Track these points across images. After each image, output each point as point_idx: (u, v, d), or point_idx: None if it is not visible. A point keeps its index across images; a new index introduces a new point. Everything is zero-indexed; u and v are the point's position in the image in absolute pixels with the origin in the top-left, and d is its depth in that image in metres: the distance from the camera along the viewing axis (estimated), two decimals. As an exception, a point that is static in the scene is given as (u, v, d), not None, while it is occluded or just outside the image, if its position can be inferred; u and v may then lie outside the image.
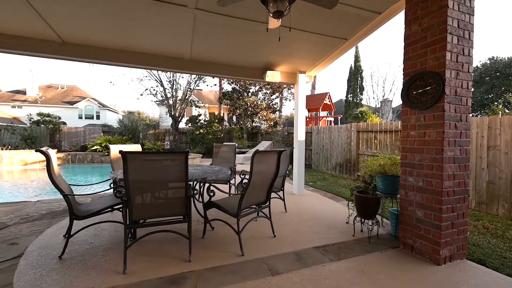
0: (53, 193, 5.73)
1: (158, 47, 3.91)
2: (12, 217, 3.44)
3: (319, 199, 4.76)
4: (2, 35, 3.30)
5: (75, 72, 79.02)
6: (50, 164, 2.33)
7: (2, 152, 9.79)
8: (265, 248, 2.60)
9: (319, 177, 7.42)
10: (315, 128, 9.38)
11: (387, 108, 15.29)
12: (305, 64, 4.74)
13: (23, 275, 2.06)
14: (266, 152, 2.63)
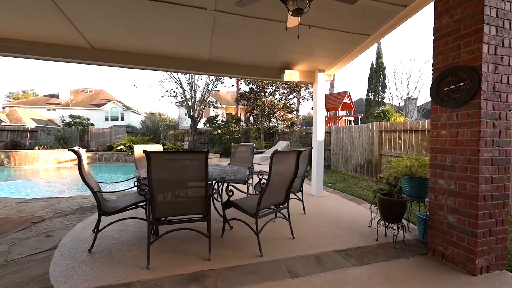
0: (82, 190, 6.12)
1: (179, 50, 4.02)
2: (48, 212, 3.72)
3: (339, 200, 4.62)
4: (41, 43, 3.59)
5: (102, 76, 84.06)
6: (81, 162, 2.48)
7: (39, 151, 10.64)
8: (284, 249, 2.57)
9: (339, 178, 7.21)
10: (334, 128, 9.13)
11: (411, 106, 14.50)
12: (324, 63, 4.63)
13: (58, 265, 2.21)
14: (285, 152, 2.60)
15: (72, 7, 2.82)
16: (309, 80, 5.03)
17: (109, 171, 9.74)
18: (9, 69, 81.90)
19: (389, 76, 23.66)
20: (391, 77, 25.76)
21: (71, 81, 34.49)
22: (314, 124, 5.03)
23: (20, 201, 4.29)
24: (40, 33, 3.40)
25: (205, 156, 2.22)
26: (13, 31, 3.34)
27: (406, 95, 16.25)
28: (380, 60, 16.49)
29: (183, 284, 1.95)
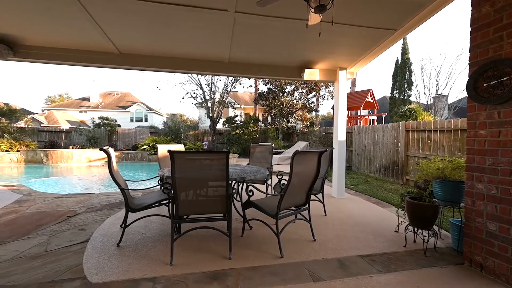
0: (111, 187, 6.50)
1: (199, 52, 4.11)
2: (81, 206, 3.99)
3: (362, 203, 4.43)
4: (76, 50, 3.86)
5: (128, 79, 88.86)
6: (110, 161, 2.62)
7: (73, 151, 11.50)
8: (305, 251, 2.51)
9: (361, 180, 6.93)
10: (356, 127, 8.80)
11: (441, 104, 13.55)
12: (346, 60, 4.48)
13: (90, 257, 2.36)
14: (307, 152, 2.55)
15: (103, 16, 2.99)
16: (330, 78, 4.89)
17: (134, 170, 10.24)
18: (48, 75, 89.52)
19: (416, 73, 22.27)
20: (418, 73, 24.23)
21: (100, 85, 37.10)
22: (335, 123, 4.89)
23: (57, 196, 4.66)
24: (75, 41, 3.66)
25: (226, 156, 2.24)
26: (51, 40, 3.63)
27: (435, 92, 15.23)
28: (406, 56, 15.60)
29: (205, 282, 1.98)
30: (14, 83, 74.74)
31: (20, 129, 13.93)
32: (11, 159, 10.97)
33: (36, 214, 3.59)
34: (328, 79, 4.90)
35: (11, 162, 10.93)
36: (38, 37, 3.57)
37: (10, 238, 2.77)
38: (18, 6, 2.81)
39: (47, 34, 3.47)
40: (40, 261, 2.29)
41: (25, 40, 3.60)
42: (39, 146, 12.83)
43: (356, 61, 4.48)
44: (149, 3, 2.74)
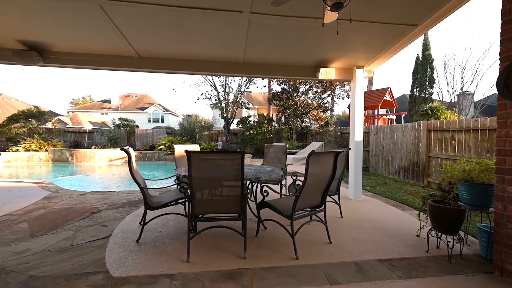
0: (130, 185, 6.77)
1: (214, 53, 4.17)
2: (103, 204, 4.19)
3: (380, 206, 4.28)
4: (98, 55, 4.06)
5: (145, 81, 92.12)
6: (130, 160, 2.72)
7: (95, 150, 12.09)
8: (320, 254, 2.47)
9: (379, 181, 6.70)
10: (373, 127, 8.53)
11: (466, 102, 12.78)
12: (363, 58, 4.35)
13: (112, 252, 2.47)
14: (323, 153, 2.50)
15: (124, 21, 3.12)
16: (346, 77, 4.78)
17: (151, 169, 10.58)
18: (72, 78, 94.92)
19: (439, 69, 21.17)
20: (440, 70, 22.96)
21: (120, 87, 38.88)
22: (352, 123, 4.76)
23: (81, 194, 4.92)
24: (99, 46, 3.85)
25: (241, 156, 2.25)
26: (77, 46, 3.84)
27: (459, 89, 14.40)
28: (427, 52, 14.88)
29: (221, 281, 2.01)
30: (42, 87, 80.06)
31: (48, 130, 14.86)
32: (40, 158, 11.73)
33: (63, 210, 3.82)
34: (344, 78, 4.79)
35: (40, 160, 11.70)
36: (66, 44, 3.79)
37: (40, 232, 2.96)
38: (48, 16, 3.00)
39: (73, 40, 3.68)
40: (67, 254, 2.43)
41: (53, 46, 3.85)
42: (64, 146, 13.62)
43: (373, 59, 4.35)
44: (167, 8, 2.82)
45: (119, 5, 2.77)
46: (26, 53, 3.72)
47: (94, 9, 2.82)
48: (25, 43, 3.70)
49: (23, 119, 13.66)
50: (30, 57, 3.73)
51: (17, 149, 11.86)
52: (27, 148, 11.95)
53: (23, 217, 3.47)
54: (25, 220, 3.35)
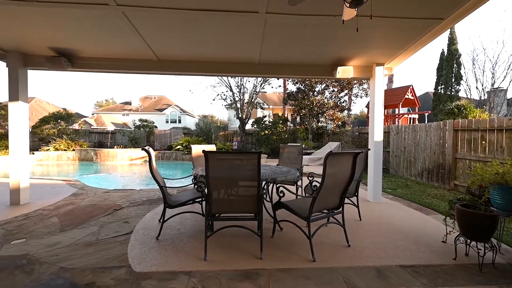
0: (149, 183, 7.02)
1: (230, 55, 4.22)
2: (125, 201, 4.38)
3: (402, 209, 4.10)
4: (121, 59, 4.27)
5: (164, 83, 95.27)
6: (151, 160, 2.82)
7: (117, 150, 12.69)
8: (338, 257, 2.41)
9: (400, 183, 6.41)
10: (394, 127, 8.18)
11: (498, 99, 11.88)
12: (383, 55, 4.19)
13: (133, 248, 2.57)
14: (341, 153, 2.44)
15: (144, 27, 3.24)
16: (365, 75, 4.63)
17: (169, 168, 10.91)
18: (97, 82, 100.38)
19: (467, 65, 19.86)
20: (468, 66, 21.56)
21: (140, 90, 40.58)
22: (371, 123, 4.60)
23: (105, 191, 5.18)
24: (121, 51, 4.04)
25: (258, 157, 2.26)
26: (102, 51, 4.06)
27: (490, 86, 13.42)
28: (454, 47, 14.01)
29: (238, 280, 2.02)
30: (70, 90, 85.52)
31: (75, 130, 15.82)
32: (68, 157, 12.52)
33: (89, 207, 4.04)
34: (363, 76, 4.65)
35: (68, 159, 12.48)
36: (91, 49, 4.01)
37: (69, 227, 3.16)
38: (75, 24, 3.19)
39: (98, 46, 3.89)
40: (93, 248, 2.56)
41: (81, 52, 4.09)
42: (89, 146, 14.42)
43: (394, 55, 4.17)
44: (185, 11, 2.89)
45: (140, 11, 2.88)
46: (56, 59, 3.99)
47: (118, 16, 2.96)
48: (55, 49, 3.97)
49: (53, 121, 14.65)
50: (60, 62, 3.99)
51: (48, 148, 12.73)
52: (57, 148, 12.79)
53: (54, 212, 3.72)
54: (55, 215, 3.59)
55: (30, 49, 3.99)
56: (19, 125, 4.13)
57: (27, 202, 4.22)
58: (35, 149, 12.85)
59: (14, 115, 4.10)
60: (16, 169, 4.09)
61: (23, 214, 3.61)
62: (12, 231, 2.99)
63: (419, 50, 3.99)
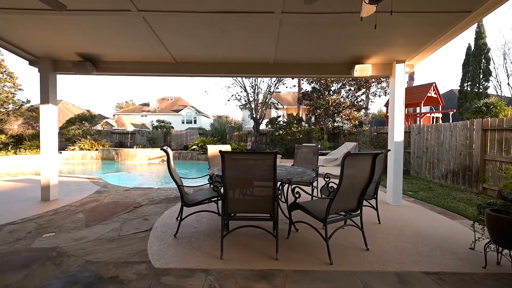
0: (167, 182, 7.24)
1: (245, 55, 4.24)
2: (144, 199, 4.55)
3: (424, 213, 3.91)
4: (141, 62, 4.44)
5: (180, 84, 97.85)
6: (169, 159, 2.91)
7: (137, 150, 13.21)
8: (356, 260, 2.34)
9: (422, 186, 6.12)
10: (415, 126, 7.82)
11: (533, 97, 10.95)
12: (404, 52, 4.02)
13: (152, 245, 2.66)
14: (359, 154, 2.38)
15: (163, 30, 3.35)
16: (384, 73, 4.48)
17: (185, 168, 11.16)
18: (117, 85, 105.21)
19: (496, 60, 18.51)
20: (498, 61, 20.07)
21: (157, 91, 41.96)
22: (391, 122, 4.43)
23: (125, 189, 5.41)
24: (141, 55, 4.21)
25: (274, 157, 2.25)
26: (123, 55, 4.25)
27: (523, 82, 12.43)
28: (482, 41, 13.14)
29: (254, 280, 2.03)
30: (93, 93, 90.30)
31: (97, 131, 16.65)
32: (91, 156, 13.21)
33: (111, 204, 4.24)
34: (382, 74, 4.49)
35: (92, 158, 13.16)
36: (114, 54, 4.21)
37: (93, 222, 3.33)
38: (99, 30, 3.36)
39: (120, 50, 4.08)
40: (116, 243, 2.69)
41: (104, 57, 4.30)
42: (111, 145, 15.12)
43: (416, 52, 3.99)
44: (202, 14, 2.94)
45: (159, 15, 2.98)
46: (82, 63, 4.23)
47: (138, 21, 3.08)
48: (81, 55, 4.21)
49: (78, 122, 15.52)
50: (85, 67, 4.22)
51: (74, 148, 13.51)
52: (81, 148, 13.54)
53: (80, 208, 3.95)
54: (81, 211, 3.81)
55: (59, 55, 4.26)
56: (49, 126, 4.43)
57: (56, 198, 4.50)
58: (62, 149, 13.68)
59: (45, 117, 4.39)
60: (47, 168, 4.38)
61: (53, 210, 3.86)
62: (43, 225, 3.21)
63: (444, 46, 3.79)
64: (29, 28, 3.34)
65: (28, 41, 3.76)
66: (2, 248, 2.57)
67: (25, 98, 14.14)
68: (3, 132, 13.32)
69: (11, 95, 13.31)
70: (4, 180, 6.49)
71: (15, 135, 13.51)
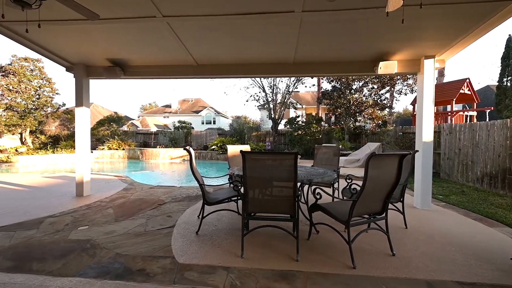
0: (188, 181, 7.47)
1: (265, 56, 4.25)
2: (167, 197, 4.74)
3: (457, 219, 3.64)
4: (165, 66, 4.64)
5: (200, 86, 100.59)
6: (191, 159, 3.00)
7: (160, 150, 13.79)
8: (381, 266, 2.25)
9: (454, 189, 5.70)
10: (446, 126, 7.31)
11: None
12: (434, 46, 3.78)
13: (176, 241, 2.76)
14: (385, 155, 2.28)
15: (185, 34, 3.47)
16: (411, 70, 4.24)
17: (205, 167, 11.44)
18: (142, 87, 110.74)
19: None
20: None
21: (178, 93, 43.59)
22: (419, 122, 4.19)
23: (150, 187, 5.67)
24: (165, 58, 4.39)
25: (295, 157, 2.23)
26: (149, 60, 4.47)
27: None
28: (524, 32, 11.89)
29: (274, 280, 2.03)
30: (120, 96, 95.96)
31: (124, 132, 17.66)
32: (119, 155, 14.03)
33: (138, 200, 4.47)
34: (409, 70, 4.26)
35: (119, 158, 13.98)
36: (140, 58, 4.45)
37: (122, 218, 3.54)
38: (128, 37, 3.57)
39: (146, 55, 4.30)
40: (142, 238, 2.83)
41: (131, 61, 4.55)
42: (136, 145, 15.95)
43: (448, 46, 3.73)
44: (223, 17, 3.01)
45: (182, 20, 3.10)
46: (112, 68, 4.51)
47: (163, 26, 3.23)
48: (111, 60, 4.49)
49: (107, 123, 16.59)
50: (114, 71, 4.50)
51: (103, 148, 14.45)
52: (110, 147, 14.43)
53: (109, 204, 4.21)
54: (111, 207, 4.06)
55: (91, 61, 4.58)
56: (83, 127, 4.78)
57: (89, 194, 4.85)
58: (93, 148, 14.68)
59: (79, 119, 4.75)
60: (81, 166, 4.73)
61: (86, 205, 4.16)
62: (78, 219, 3.47)
63: (479, 38, 3.50)
64: (67, 37, 3.64)
65: (66, 49, 4.10)
66: (45, 238, 2.82)
67: (61, 102, 15.39)
68: (43, 133, 14.63)
69: (49, 99, 14.55)
70: (44, 176, 7.12)
71: (53, 135, 14.78)
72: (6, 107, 13.09)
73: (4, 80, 13.07)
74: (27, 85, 13.50)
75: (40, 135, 14.56)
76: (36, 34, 3.54)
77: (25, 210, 3.81)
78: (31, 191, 5.16)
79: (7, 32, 3.43)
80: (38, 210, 3.81)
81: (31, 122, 13.47)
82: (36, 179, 6.55)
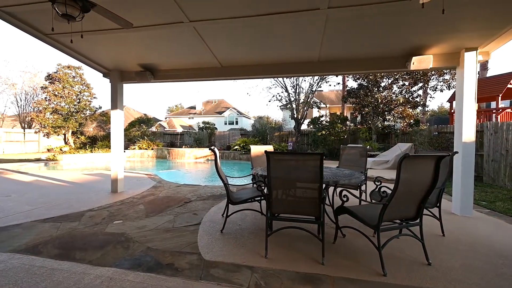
0: (212, 180, 7.67)
1: (289, 55, 4.21)
2: (193, 195, 4.91)
3: (504, 228, 3.27)
4: (192, 69, 4.82)
5: (223, 87, 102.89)
6: (216, 159, 3.08)
7: (185, 150, 14.36)
8: (416, 275, 2.10)
9: (500, 195, 5.12)
10: (491, 124, 6.60)
11: None
12: (476, 37, 3.44)
13: (202, 238, 2.85)
14: (420, 157, 2.14)
15: (210, 38, 3.57)
16: (449, 64, 3.91)
17: (227, 167, 11.65)
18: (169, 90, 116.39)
19: None
20: None
21: (203, 95, 45.01)
22: (458, 120, 3.84)
23: (176, 185, 5.93)
24: (192, 61, 4.57)
25: (320, 158, 2.18)
26: (176, 63, 4.68)
27: None
28: None
29: (299, 282, 1.99)
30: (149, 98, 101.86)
31: (152, 132, 18.68)
32: (148, 155, 14.87)
33: (166, 198, 4.70)
34: (446, 65, 3.93)
35: (148, 157, 14.81)
36: (168, 63, 4.67)
37: (152, 213, 3.75)
38: (157, 43, 3.77)
39: (174, 59, 4.50)
40: (170, 234, 2.97)
41: (160, 66, 4.80)
42: (164, 145, 16.77)
43: (493, 37, 3.38)
44: (247, 18, 3.04)
45: (208, 24, 3.19)
46: (143, 73, 4.79)
47: (189, 31, 3.36)
48: (142, 65, 4.78)
49: (137, 125, 17.67)
50: (145, 76, 4.78)
51: (134, 147, 15.42)
52: (140, 147, 15.36)
53: (141, 201, 4.48)
54: (142, 203, 4.32)
55: (125, 66, 4.92)
56: (117, 129, 5.15)
57: (122, 191, 5.21)
58: (126, 148, 15.76)
59: (114, 121, 5.13)
60: (115, 164, 5.10)
61: (120, 201, 4.47)
62: (114, 213, 3.75)
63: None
64: (104, 45, 3.96)
65: (104, 56, 4.45)
66: (85, 230, 3.09)
67: (98, 105, 16.77)
68: (83, 134, 16.07)
69: (88, 102, 15.93)
70: (84, 173, 7.81)
71: (91, 136, 16.16)
72: (52, 111, 14.62)
73: (51, 87, 14.61)
74: (70, 91, 14.94)
75: (80, 135, 16.01)
76: (79, 44, 3.89)
77: (69, 204, 4.21)
78: (74, 187, 5.68)
79: (55, 44, 3.83)
80: (79, 204, 4.19)
81: (73, 124, 14.89)
82: (77, 176, 7.21)
